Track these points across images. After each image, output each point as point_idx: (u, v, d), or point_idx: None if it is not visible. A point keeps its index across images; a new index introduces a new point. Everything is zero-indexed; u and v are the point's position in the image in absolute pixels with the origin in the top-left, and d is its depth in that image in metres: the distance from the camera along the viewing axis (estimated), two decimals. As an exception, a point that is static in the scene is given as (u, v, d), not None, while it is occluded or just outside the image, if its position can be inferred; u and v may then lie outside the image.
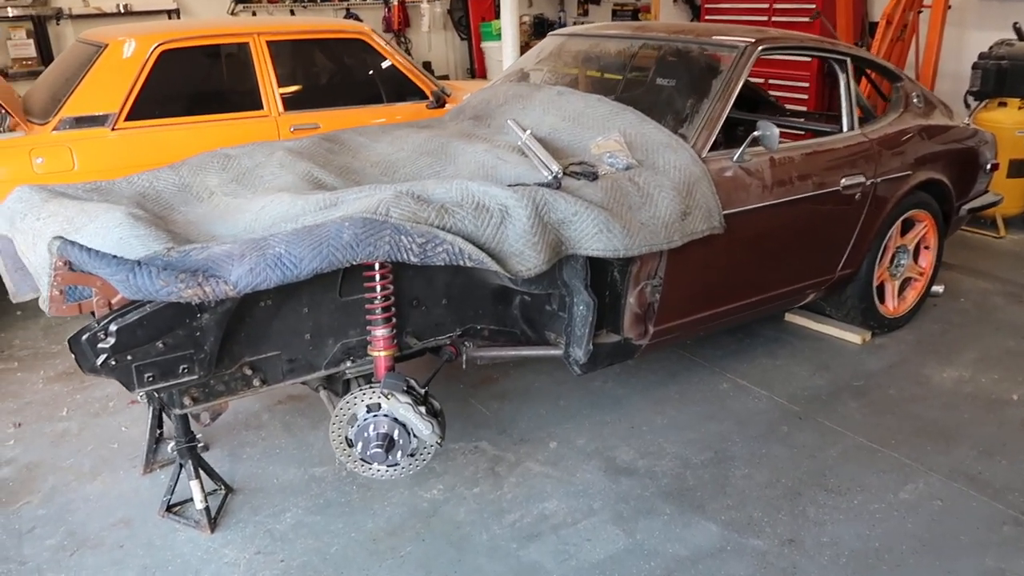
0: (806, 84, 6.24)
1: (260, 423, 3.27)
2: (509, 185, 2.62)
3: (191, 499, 2.65)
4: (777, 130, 2.92)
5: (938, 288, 4.31)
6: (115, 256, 2.05)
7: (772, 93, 5.08)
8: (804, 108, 6.03)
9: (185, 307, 2.20)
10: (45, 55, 7.28)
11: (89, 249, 2.03)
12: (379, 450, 2.43)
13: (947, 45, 5.89)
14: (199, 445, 2.65)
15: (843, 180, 3.36)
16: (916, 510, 2.71)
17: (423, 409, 2.46)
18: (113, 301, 2.13)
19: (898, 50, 5.72)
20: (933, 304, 4.31)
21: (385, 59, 4.82)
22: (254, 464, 3.00)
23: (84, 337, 2.12)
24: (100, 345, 2.13)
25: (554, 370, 3.60)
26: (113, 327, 2.12)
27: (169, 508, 2.71)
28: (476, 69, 10.03)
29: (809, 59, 5.99)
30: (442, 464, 2.97)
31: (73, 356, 2.13)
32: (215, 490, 2.80)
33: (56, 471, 2.98)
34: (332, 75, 4.96)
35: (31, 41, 7.27)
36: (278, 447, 3.11)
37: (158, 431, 3.02)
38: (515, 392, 3.49)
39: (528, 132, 3.01)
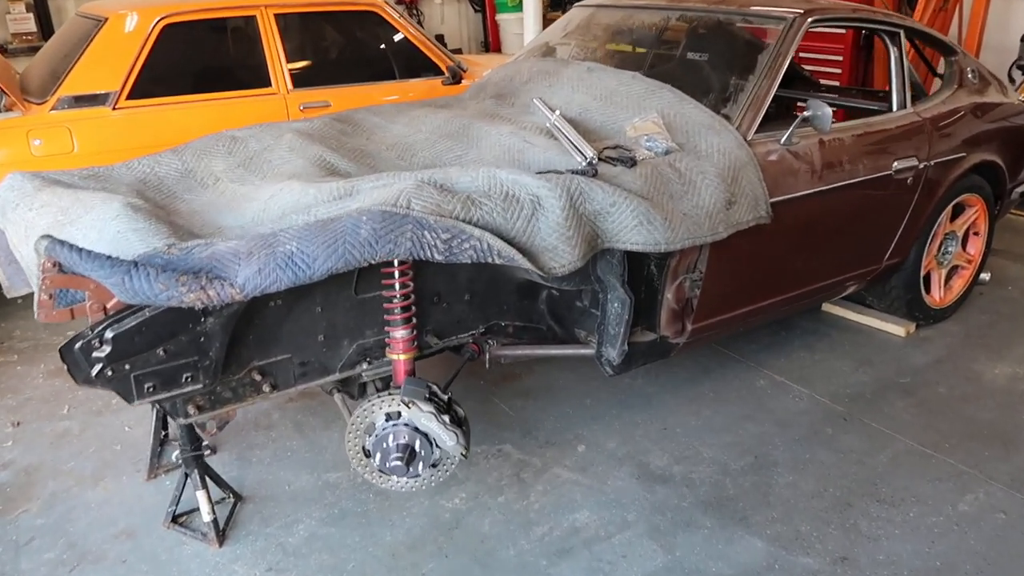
0: (839, 57, 5.93)
1: (270, 423, 3.10)
2: (539, 172, 2.41)
3: (198, 508, 2.48)
4: (829, 110, 2.68)
5: (984, 275, 4.07)
6: (109, 257, 1.85)
7: (803, 67, 4.80)
8: (837, 83, 5.73)
9: (188, 311, 2.00)
10: (46, 30, 7.04)
11: (80, 249, 1.83)
12: (399, 463, 2.24)
13: (992, 15, 5.57)
14: (206, 452, 2.48)
15: (895, 163, 3.12)
16: (978, 524, 2.51)
17: (447, 418, 2.27)
18: (108, 305, 1.93)
19: (940, 21, 5.41)
20: (979, 293, 4.07)
21: (398, 32, 4.57)
22: (264, 469, 2.83)
23: (77, 346, 1.93)
24: (95, 354, 1.94)
25: (579, 366, 3.39)
26: (109, 334, 1.93)
27: (175, 519, 2.54)
28: (490, 43, 9.72)
29: (844, 31, 5.68)
30: (464, 470, 2.78)
31: (65, 367, 1.94)
32: (223, 498, 2.63)
33: (56, 475, 2.81)
34: (343, 50, 4.71)
35: (31, 15, 7.02)
36: (289, 449, 2.93)
37: (162, 432, 2.85)
38: (539, 390, 3.30)
39: (557, 112, 2.78)
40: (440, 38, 9.52)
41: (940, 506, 2.59)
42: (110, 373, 1.97)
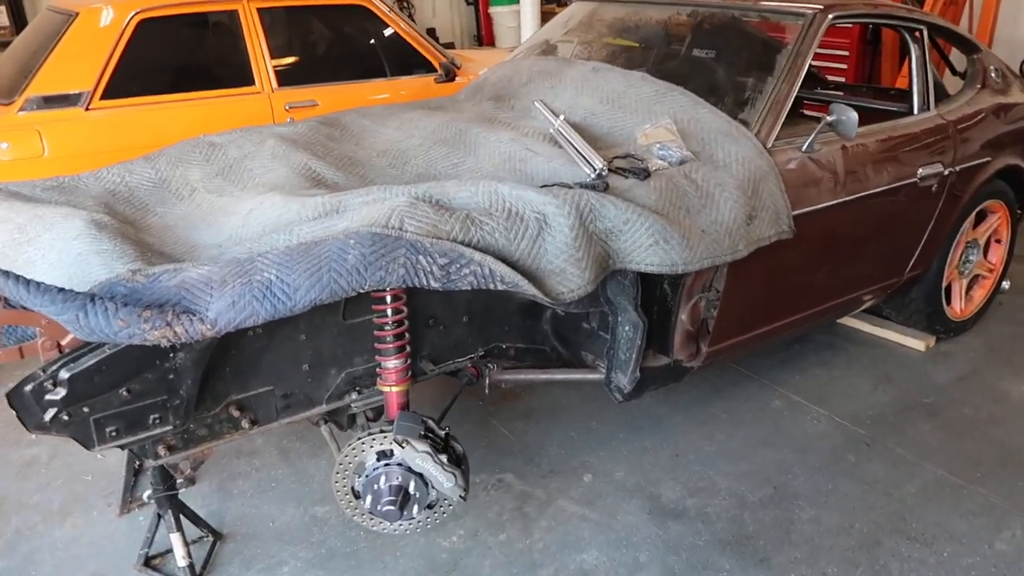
0: (845, 52, 5.73)
1: (254, 448, 2.89)
2: (543, 184, 2.20)
3: (173, 549, 2.27)
4: (855, 115, 2.48)
5: (1004, 284, 3.88)
6: (62, 290, 1.63)
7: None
8: (843, 79, 5.53)
9: (155, 346, 1.79)
10: (19, 24, 6.76)
11: (28, 281, 1.61)
12: (392, 507, 2.03)
13: (1002, 9, 5.39)
14: (183, 486, 2.26)
15: (920, 170, 2.93)
16: (1017, 566, 2.32)
17: (444, 457, 2.06)
18: (63, 343, 1.72)
19: (951, 14, 5.22)
20: (999, 303, 3.89)
21: (389, 28, 4.35)
22: (246, 502, 2.62)
23: (28, 388, 1.71)
24: (48, 397, 1.72)
25: (583, 384, 3.19)
26: (64, 374, 1.71)
27: (147, 562, 2.34)
28: (483, 36, 9.48)
29: (851, 24, 5.47)
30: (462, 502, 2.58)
31: (14, 412, 1.72)
32: (201, 537, 2.43)
33: (21, 509, 2.60)
34: (330, 46, 4.48)
35: (3, 8, 6.73)
36: (274, 479, 2.73)
37: (136, 463, 2.64)
38: (541, 411, 3.10)
39: (561, 118, 2.58)
40: (431, 32, 9.28)
41: (975, 544, 2.40)
42: (66, 418, 1.75)
